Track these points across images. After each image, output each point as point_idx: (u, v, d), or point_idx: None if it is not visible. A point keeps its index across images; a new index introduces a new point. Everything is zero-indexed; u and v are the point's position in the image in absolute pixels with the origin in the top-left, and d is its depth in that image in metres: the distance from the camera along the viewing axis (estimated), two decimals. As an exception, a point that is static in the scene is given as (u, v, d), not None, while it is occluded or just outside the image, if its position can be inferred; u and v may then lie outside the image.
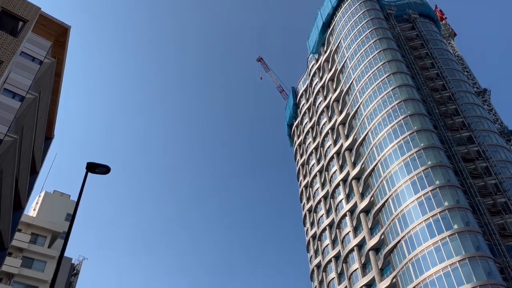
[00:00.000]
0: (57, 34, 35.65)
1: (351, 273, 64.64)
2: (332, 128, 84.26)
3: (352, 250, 65.88)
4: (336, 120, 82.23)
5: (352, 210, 69.86)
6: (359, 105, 72.92)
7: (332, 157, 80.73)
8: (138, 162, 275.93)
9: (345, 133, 77.94)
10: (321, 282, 77.59)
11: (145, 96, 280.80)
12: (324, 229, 78.84)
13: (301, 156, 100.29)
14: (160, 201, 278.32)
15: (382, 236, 58.22)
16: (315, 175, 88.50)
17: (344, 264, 67.29)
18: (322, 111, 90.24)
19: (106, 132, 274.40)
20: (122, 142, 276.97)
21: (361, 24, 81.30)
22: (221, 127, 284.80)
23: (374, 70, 72.82)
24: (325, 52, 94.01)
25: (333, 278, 71.25)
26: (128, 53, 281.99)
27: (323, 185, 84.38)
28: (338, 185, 76.03)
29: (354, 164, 72.29)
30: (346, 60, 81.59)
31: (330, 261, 73.83)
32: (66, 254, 64.98)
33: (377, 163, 63.46)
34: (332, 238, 75.29)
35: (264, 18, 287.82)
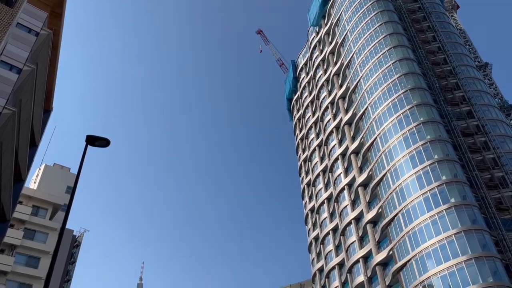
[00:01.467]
0: (53, 4, 35.03)
1: (349, 246, 65.68)
2: (331, 102, 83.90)
3: (349, 223, 66.71)
4: (336, 94, 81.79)
5: (350, 184, 70.36)
6: (359, 79, 72.40)
7: (331, 131, 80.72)
8: (138, 134, 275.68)
9: (345, 107, 77.69)
10: (319, 254, 78.94)
11: (145, 67, 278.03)
12: (323, 203, 79.62)
13: (301, 130, 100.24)
14: (161, 173, 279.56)
15: (380, 210, 58.86)
16: (314, 149, 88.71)
17: (341, 237, 68.28)
18: (322, 85, 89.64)
19: (106, 104, 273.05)
20: (122, 114, 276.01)
21: (362, -4, 79.73)
22: (221, 99, 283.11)
23: (375, 44, 71.95)
24: (326, 24, 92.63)
25: (330, 250, 72.42)
26: (126, 24, 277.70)
27: (322, 159, 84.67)
28: (337, 159, 76.31)
29: (353, 138, 72.36)
30: (347, 33, 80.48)
31: (328, 233, 74.87)
32: (67, 226, 65.65)
33: (376, 137, 63.52)
34: (330, 211, 76.10)
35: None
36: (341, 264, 68.36)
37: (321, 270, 76.55)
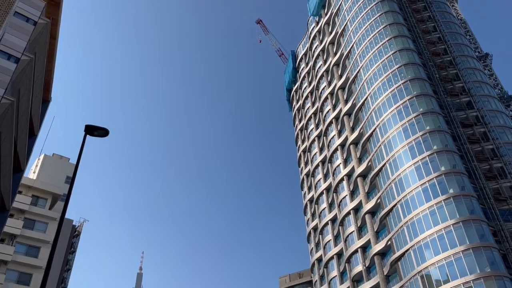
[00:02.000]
0: (51, -7, 34.70)
1: (347, 236, 66.01)
2: (331, 93, 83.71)
3: (348, 213, 66.99)
4: (335, 85, 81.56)
5: (349, 175, 70.50)
6: (359, 69, 72.16)
7: (330, 122, 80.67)
8: (138, 124, 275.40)
9: (345, 98, 77.53)
10: (317, 244, 79.37)
11: (144, 57, 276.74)
12: (322, 193, 79.85)
13: (300, 120, 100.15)
14: (160, 163, 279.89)
15: (379, 200, 59.05)
16: (314, 140, 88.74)
17: (340, 227, 68.60)
18: (322, 76, 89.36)
19: (105, 94, 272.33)
20: (121, 104, 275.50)
21: (363, -14, 79.11)
22: (221, 90, 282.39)
23: (375, 34, 71.59)
24: (326, 14, 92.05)
25: (329, 240, 72.82)
26: (125, 15, 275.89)
27: (321, 149, 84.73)
28: (336, 150, 76.37)
29: (352, 129, 72.33)
30: (347, 23, 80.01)
31: (326, 224, 75.19)
32: (67, 216, 66.00)
33: (375, 128, 63.50)
34: (329, 201, 76.35)
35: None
36: (339, 254, 68.77)
37: (319, 260, 77.03)
